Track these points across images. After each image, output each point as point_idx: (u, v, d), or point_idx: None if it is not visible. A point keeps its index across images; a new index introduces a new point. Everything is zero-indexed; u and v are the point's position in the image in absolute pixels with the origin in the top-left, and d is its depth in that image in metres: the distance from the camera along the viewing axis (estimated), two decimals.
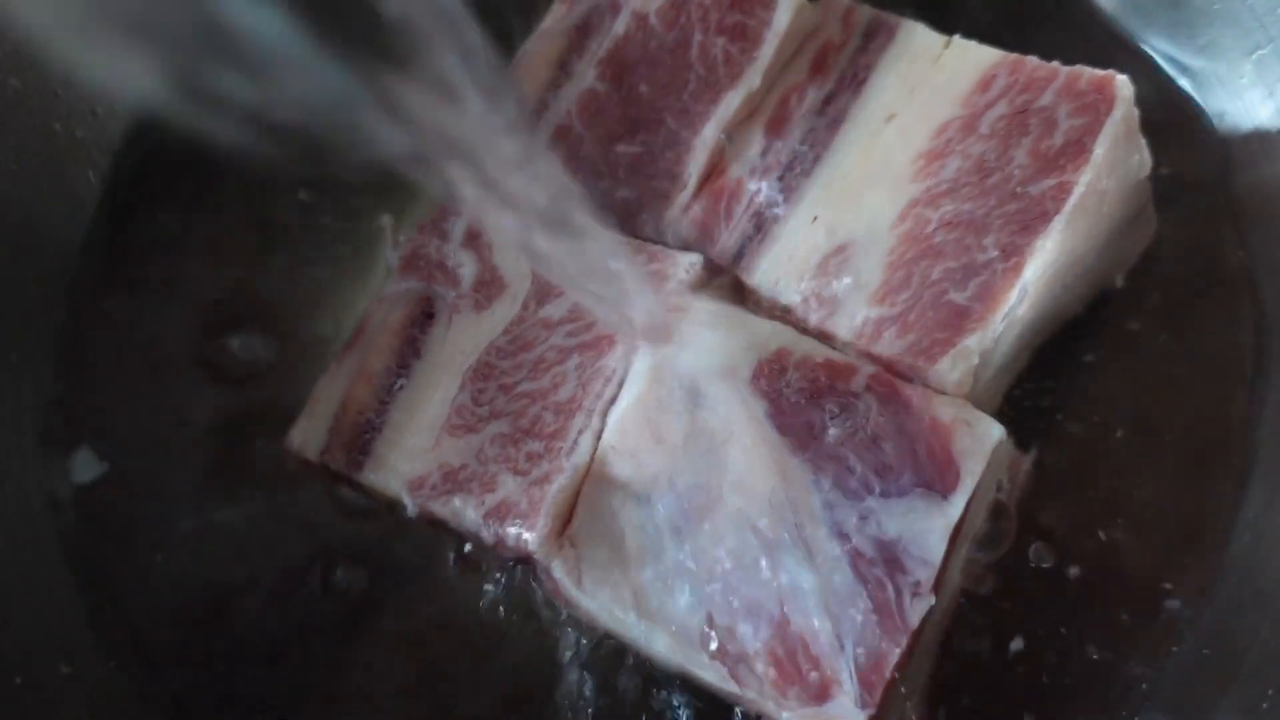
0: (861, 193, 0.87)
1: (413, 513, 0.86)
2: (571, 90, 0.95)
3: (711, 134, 0.90)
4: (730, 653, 0.76)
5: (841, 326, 0.83)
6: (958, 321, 0.79)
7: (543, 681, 0.85)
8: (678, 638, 0.77)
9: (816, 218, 0.87)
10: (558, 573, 0.81)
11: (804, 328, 0.85)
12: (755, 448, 0.79)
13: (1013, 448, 0.81)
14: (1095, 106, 0.82)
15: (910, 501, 0.76)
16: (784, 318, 0.86)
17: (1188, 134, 0.98)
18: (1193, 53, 0.99)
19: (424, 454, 0.86)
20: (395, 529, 0.90)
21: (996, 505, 0.82)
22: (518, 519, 0.82)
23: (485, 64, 0.53)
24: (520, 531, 0.81)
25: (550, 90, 0.95)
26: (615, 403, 0.84)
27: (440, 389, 0.88)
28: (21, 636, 0.86)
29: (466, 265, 0.92)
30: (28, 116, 0.99)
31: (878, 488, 0.77)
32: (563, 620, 0.86)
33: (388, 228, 0.99)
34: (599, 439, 0.83)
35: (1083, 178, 0.80)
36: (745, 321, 0.85)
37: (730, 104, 0.90)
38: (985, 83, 0.86)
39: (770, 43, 0.91)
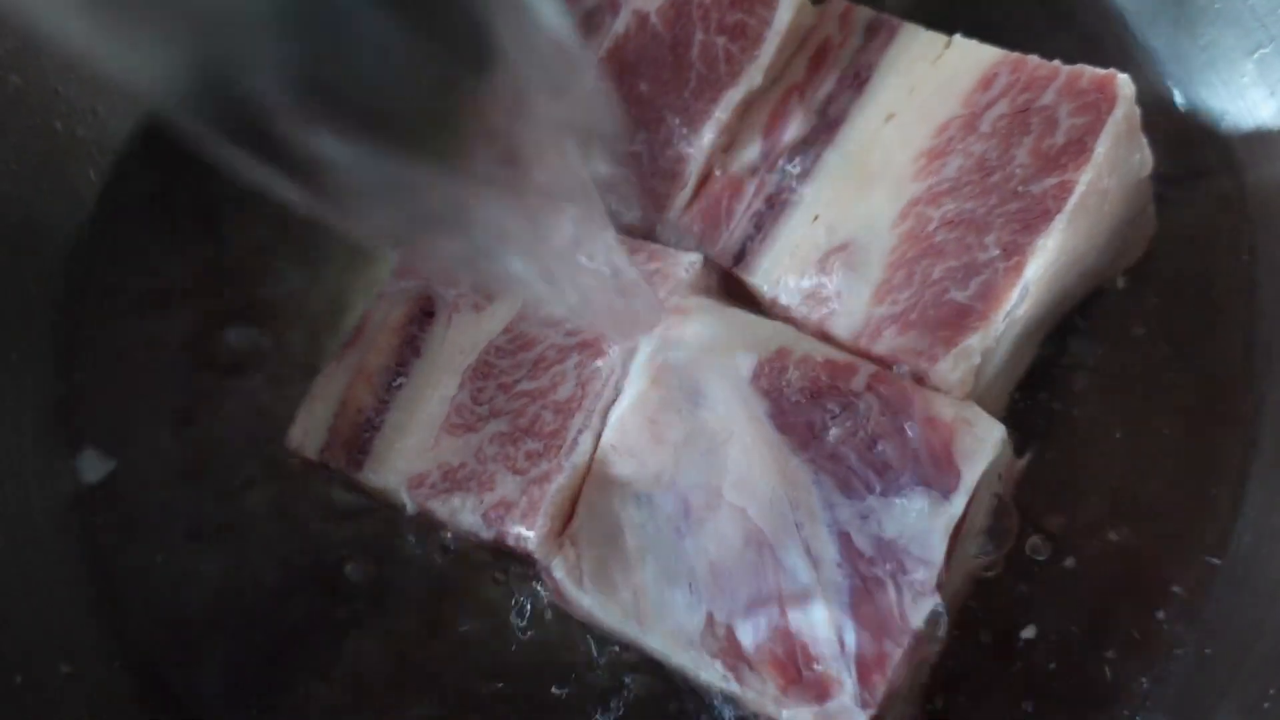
0: (862, 192, 0.86)
1: (412, 511, 0.86)
2: None
3: (712, 133, 0.90)
4: (730, 651, 0.76)
5: (842, 326, 0.83)
6: (959, 320, 0.79)
7: (544, 680, 0.85)
8: (678, 636, 0.77)
9: (817, 217, 0.87)
10: (558, 572, 0.81)
11: (804, 327, 0.85)
12: (755, 447, 0.79)
13: (1010, 449, 0.81)
14: (1097, 105, 0.82)
15: (911, 501, 0.75)
16: (784, 317, 0.86)
17: (1189, 133, 0.98)
18: (1194, 52, 0.99)
19: (423, 453, 0.86)
20: (395, 528, 0.90)
21: (998, 504, 0.82)
22: (517, 518, 0.82)
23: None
24: (520, 531, 0.81)
25: None
26: (615, 402, 0.84)
27: (440, 388, 0.88)
28: (22, 636, 0.87)
29: None
30: (28, 115, 0.99)
31: (878, 487, 0.76)
32: (564, 619, 0.86)
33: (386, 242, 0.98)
34: (599, 438, 0.83)
35: (1084, 176, 0.80)
36: (745, 321, 0.85)
37: (731, 103, 0.90)
38: (986, 81, 0.86)
39: (771, 42, 0.91)
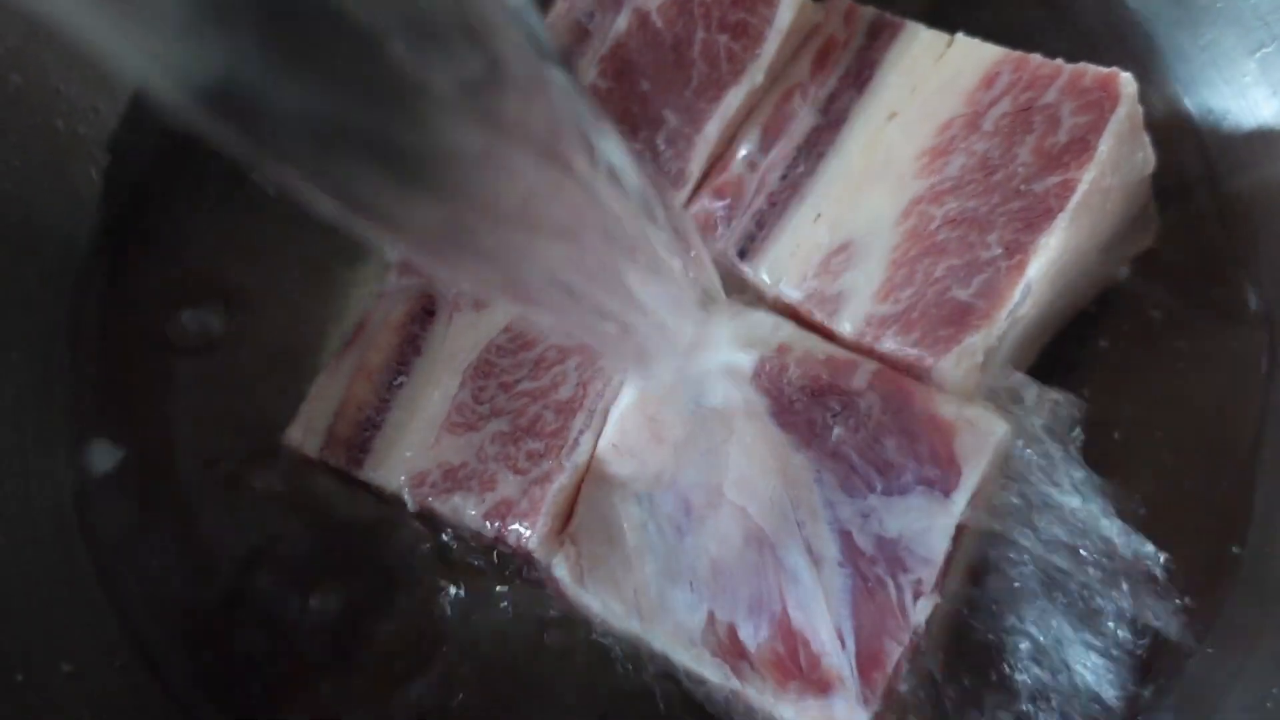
0: (864, 190, 0.86)
1: (413, 510, 0.86)
2: None
3: (714, 131, 0.90)
4: (731, 650, 0.76)
5: (844, 324, 0.83)
6: (962, 319, 0.79)
7: (545, 678, 0.85)
8: (679, 635, 0.77)
9: (819, 215, 0.87)
10: (558, 571, 0.81)
11: (806, 325, 0.85)
12: (756, 446, 0.79)
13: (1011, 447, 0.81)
14: (1099, 104, 0.82)
15: (912, 500, 0.75)
16: (786, 315, 0.86)
17: (1191, 132, 0.98)
18: (1196, 51, 0.99)
19: (424, 451, 0.86)
20: (396, 527, 0.90)
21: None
22: (518, 518, 0.82)
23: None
24: (521, 530, 0.81)
25: None
26: (616, 401, 0.84)
27: (440, 387, 0.88)
28: (23, 635, 0.86)
29: None
30: (29, 114, 0.99)
31: (879, 486, 0.76)
32: (565, 618, 0.86)
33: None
34: (599, 437, 0.83)
35: (1087, 175, 0.80)
36: (747, 318, 0.85)
37: (732, 102, 0.90)
38: (989, 80, 0.86)
39: (773, 40, 0.91)
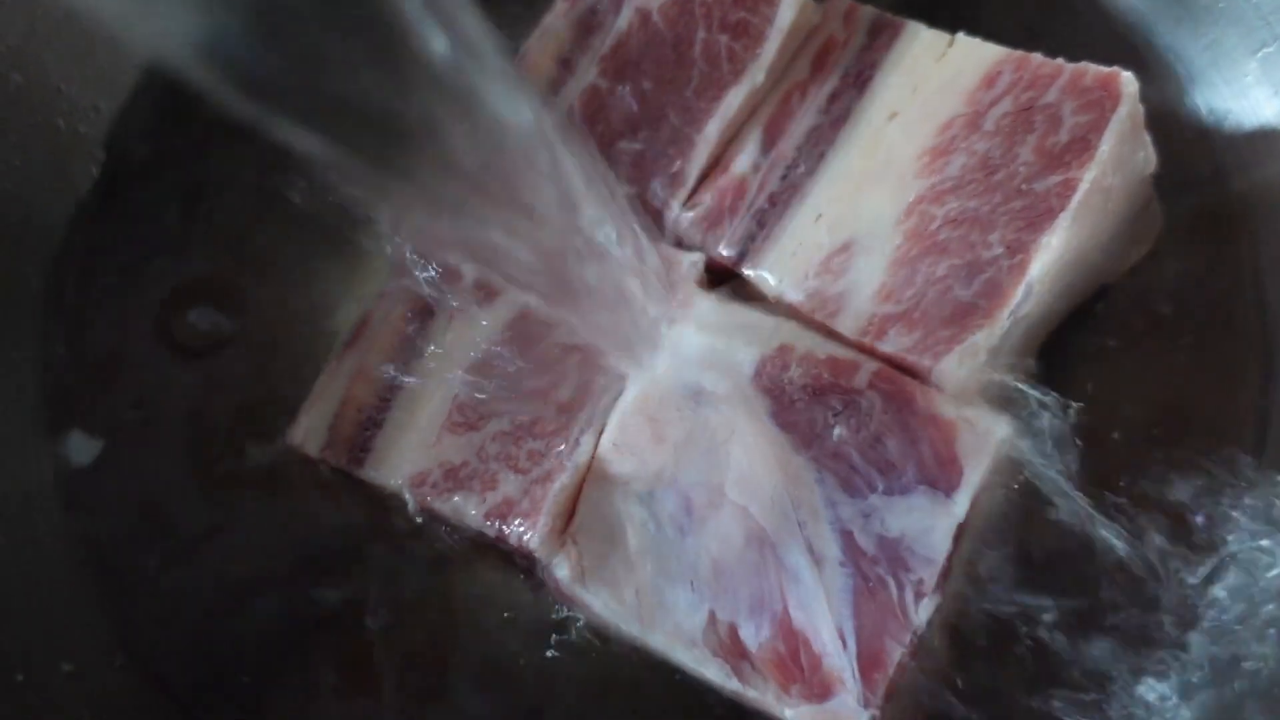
0: (865, 190, 0.86)
1: (414, 510, 0.86)
2: (574, 87, 0.94)
3: (714, 131, 0.90)
4: (732, 650, 0.76)
5: (846, 324, 0.83)
6: (963, 319, 0.79)
7: (546, 679, 0.85)
8: (679, 635, 0.77)
9: (820, 215, 0.87)
10: (559, 571, 0.81)
11: (807, 325, 0.84)
12: (757, 445, 0.79)
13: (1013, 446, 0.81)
14: (1101, 103, 0.82)
15: (913, 500, 0.75)
16: (787, 315, 0.86)
17: (1192, 132, 0.97)
18: (1197, 50, 0.99)
19: (425, 451, 0.86)
20: (397, 527, 0.89)
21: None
22: (519, 517, 0.82)
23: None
24: (522, 530, 0.81)
25: (553, 87, 0.95)
26: (617, 400, 0.84)
27: (441, 386, 0.88)
28: (23, 635, 0.87)
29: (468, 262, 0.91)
30: (30, 113, 0.99)
31: (881, 485, 0.76)
32: (567, 618, 0.86)
33: (386, 225, 0.98)
34: (600, 437, 0.83)
35: (1088, 174, 0.80)
36: (748, 319, 0.85)
37: (733, 101, 0.90)
38: (990, 80, 0.86)
39: (773, 40, 0.91)
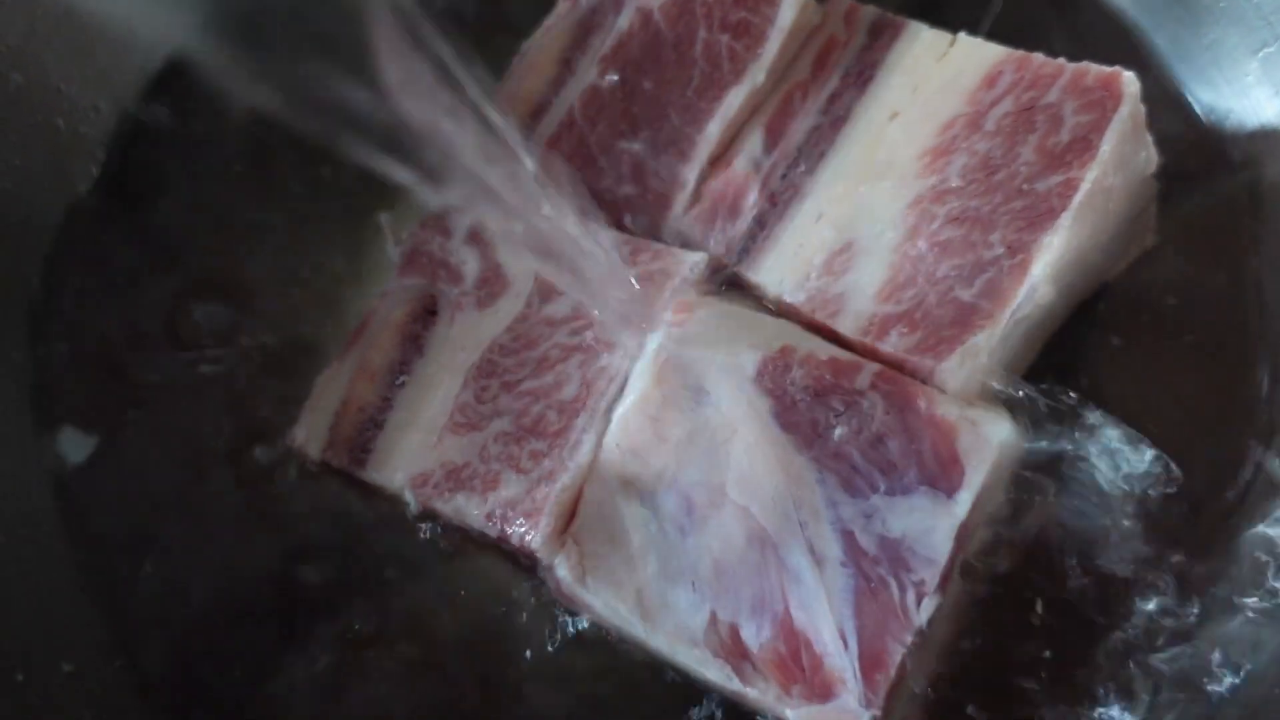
0: (866, 190, 0.86)
1: (415, 510, 0.86)
2: (575, 87, 0.94)
3: (715, 131, 0.90)
4: (733, 650, 0.76)
5: (847, 324, 0.83)
6: (965, 319, 0.79)
7: (546, 679, 0.85)
8: (681, 635, 0.77)
9: (821, 215, 0.86)
10: (561, 571, 0.81)
11: (809, 325, 0.84)
12: (759, 445, 0.79)
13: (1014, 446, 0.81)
14: (1102, 103, 0.82)
15: (915, 500, 0.75)
16: (788, 315, 0.86)
17: (1193, 131, 0.97)
18: (1198, 50, 0.99)
19: (426, 451, 0.86)
20: (398, 527, 0.89)
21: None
22: (521, 518, 0.82)
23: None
24: (524, 530, 0.81)
25: (554, 87, 0.95)
26: (619, 400, 0.84)
27: (443, 386, 0.88)
28: (23, 635, 0.86)
29: (469, 262, 0.91)
30: (30, 112, 0.99)
31: (882, 486, 0.76)
32: (568, 618, 0.86)
33: (386, 225, 0.98)
34: (602, 437, 0.83)
35: (1089, 174, 0.80)
36: (749, 319, 0.85)
37: (734, 101, 0.90)
38: (991, 79, 0.86)
39: (774, 40, 0.91)
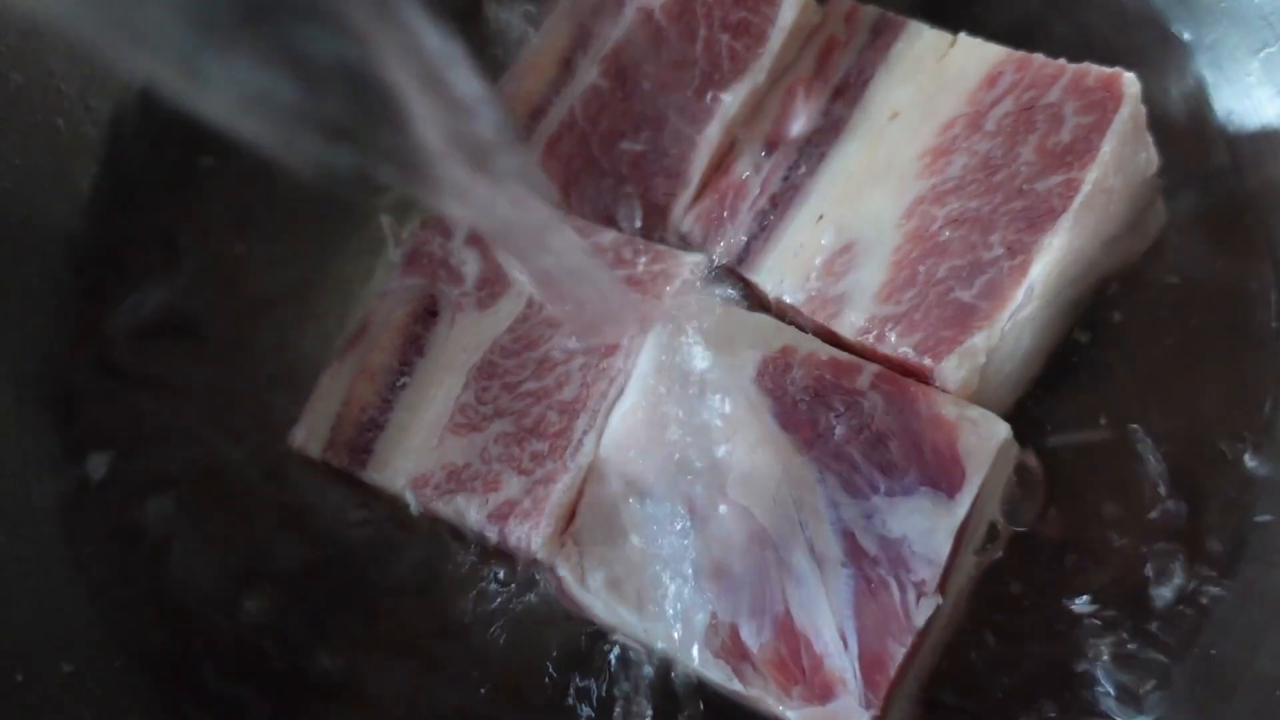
0: (866, 190, 0.86)
1: (416, 511, 0.86)
2: (575, 87, 0.94)
3: (716, 131, 0.90)
4: (734, 651, 0.76)
5: (847, 325, 0.83)
6: (964, 320, 0.79)
7: (546, 678, 0.85)
8: (681, 636, 0.77)
9: (821, 216, 0.86)
10: (561, 571, 0.81)
11: (809, 326, 0.85)
12: (759, 446, 0.79)
13: (1015, 447, 0.81)
14: (1103, 104, 0.82)
15: (915, 500, 0.75)
16: (789, 316, 0.86)
17: (1194, 132, 0.97)
18: (1199, 51, 0.99)
19: (427, 452, 0.86)
20: (399, 528, 0.89)
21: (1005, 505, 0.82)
22: (522, 519, 0.82)
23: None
24: (524, 531, 0.81)
25: (554, 87, 0.95)
26: (619, 400, 0.84)
27: (443, 387, 0.88)
28: (23, 634, 0.87)
29: (470, 263, 0.91)
30: (30, 112, 0.99)
31: (883, 486, 0.76)
32: (568, 618, 0.86)
33: (386, 226, 0.98)
34: (603, 437, 0.83)
35: (1090, 175, 0.80)
36: (750, 319, 0.85)
37: (734, 101, 0.90)
38: (991, 80, 0.86)
39: (775, 39, 0.91)
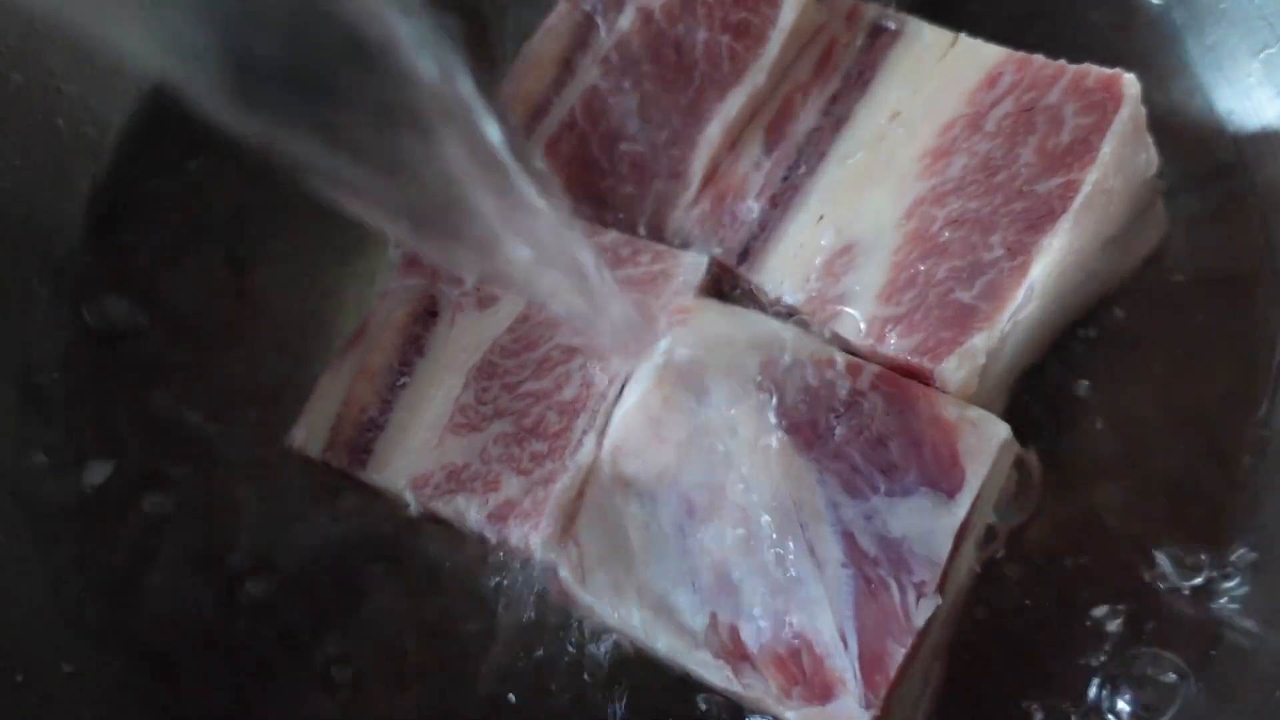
0: (867, 191, 0.86)
1: (415, 512, 0.86)
2: (575, 88, 0.94)
3: (716, 132, 0.90)
4: (734, 652, 0.76)
5: (847, 326, 0.83)
6: (964, 321, 0.79)
7: (547, 679, 0.85)
8: (681, 637, 0.77)
9: (822, 216, 0.86)
10: (561, 572, 0.81)
11: (809, 327, 0.85)
12: (759, 446, 0.79)
13: (1015, 447, 0.81)
14: (1103, 105, 0.82)
15: (915, 501, 0.75)
16: (789, 317, 0.86)
17: (1195, 132, 0.97)
18: (1199, 52, 0.99)
19: (427, 453, 0.86)
20: (399, 528, 0.89)
21: (1004, 504, 0.82)
22: (521, 519, 0.82)
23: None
24: (524, 532, 0.81)
25: (554, 87, 0.95)
26: (619, 401, 0.84)
27: (443, 387, 0.88)
28: (23, 634, 0.87)
29: None
30: (31, 113, 0.99)
31: (883, 487, 0.76)
32: (567, 618, 0.86)
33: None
34: (603, 438, 0.83)
35: (1090, 176, 0.80)
36: (750, 320, 0.85)
37: (735, 102, 0.90)
38: (991, 80, 0.86)
39: (775, 40, 0.91)
